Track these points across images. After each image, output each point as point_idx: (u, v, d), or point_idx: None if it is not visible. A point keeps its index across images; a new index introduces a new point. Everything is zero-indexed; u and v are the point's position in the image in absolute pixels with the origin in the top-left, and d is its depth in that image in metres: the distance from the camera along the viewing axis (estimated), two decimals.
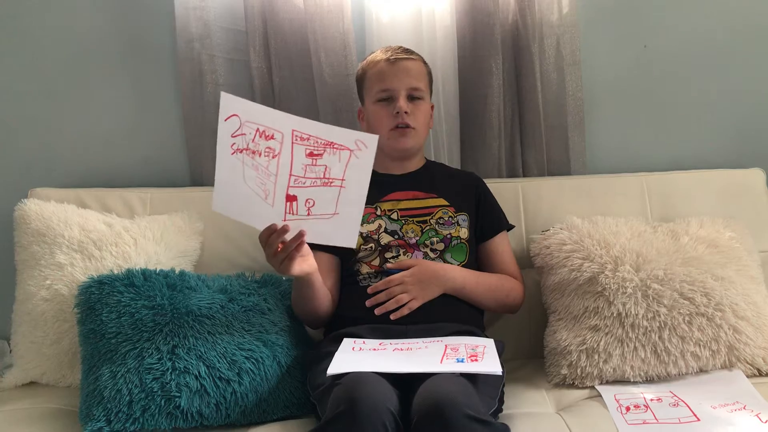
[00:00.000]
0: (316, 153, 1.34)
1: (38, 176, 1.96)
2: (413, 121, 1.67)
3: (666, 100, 2.04)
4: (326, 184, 1.36)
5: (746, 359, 1.59)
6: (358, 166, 1.35)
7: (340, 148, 1.34)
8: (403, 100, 1.67)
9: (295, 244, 1.40)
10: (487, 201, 1.77)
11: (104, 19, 1.98)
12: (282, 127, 1.33)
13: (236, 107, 1.34)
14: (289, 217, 1.38)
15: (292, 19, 1.93)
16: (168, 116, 2.01)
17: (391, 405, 1.23)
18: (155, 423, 1.40)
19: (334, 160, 1.34)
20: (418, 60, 1.72)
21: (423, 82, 1.71)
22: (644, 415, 1.43)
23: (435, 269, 1.61)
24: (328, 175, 1.36)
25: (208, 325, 1.51)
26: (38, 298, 1.66)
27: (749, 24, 2.02)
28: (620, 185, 1.91)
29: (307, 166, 1.34)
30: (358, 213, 1.39)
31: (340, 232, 1.41)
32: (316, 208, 1.38)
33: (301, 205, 1.37)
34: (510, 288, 1.71)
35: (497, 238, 1.75)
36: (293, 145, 1.33)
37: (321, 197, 1.37)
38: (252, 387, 1.46)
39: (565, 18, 1.94)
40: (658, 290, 1.59)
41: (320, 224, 1.39)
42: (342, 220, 1.39)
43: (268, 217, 1.39)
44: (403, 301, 1.56)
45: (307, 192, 1.36)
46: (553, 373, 1.63)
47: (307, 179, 1.36)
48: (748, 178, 1.93)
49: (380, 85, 1.69)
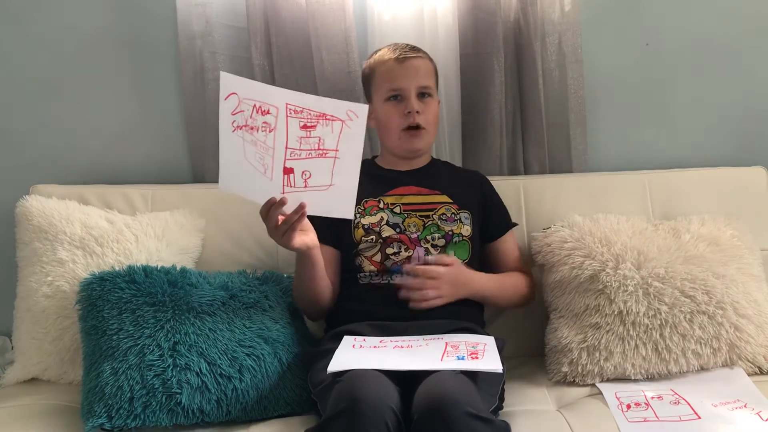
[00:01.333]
0: (309, 125, 1.37)
1: (40, 173, 1.96)
2: (424, 120, 1.67)
3: (668, 98, 2.04)
4: (321, 156, 1.39)
5: (747, 357, 1.59)
6: (350, 136, 1.39)
7: (333, 119, 1.37)
8: (414, 100, 1.66)
9: (296, 216, 1.42)
10: (494, 201, 1.77)
11: (106, 16, 1.98)
12: (276, 102, 1.36)
13: (235, 86, 1.37)
14: (287, 190, 1.41)
15: (294, 17, 1.93)
16: (170, 113, 2.01)
17: (392, 402, 1.23)
18: (156, 419, 1.40)
19: (327, 131, 1.38)
20: (425, 58, 1.72)
21: (431, 80, 1.71)
22: (645, 413, 1.43)
23: (468, 275, 1.63)
24: (323, 146, 1.39)
25: (210, 322, 1.51)
26: (40, 294, 1.66)
27: (751, 22, 2.02)
28: (622, 183, 1.91)
29: (302, 138, 1.38)
30: (353, 183, 1.42)
31: (337, 204, 1.44)
32: (313, 180, 1.41)
33: (298, 177, 1.41)
34: (523, 285, 1.73)
35: (505, 237, 1.76)
36: (287, 118, 1.37)
37: (317, 168, 1.40)
38: (253, 384, 1.46)
39: (567, 15, 1.94)
40: (659, 288, 1.59)
41: (318, 196, 1.42)
42: (338, 190, 1.42)
43: (268, 191, 1.42)
44: (429, 297, 1.55)
45: (303, 164, 1.40)
46: (554, 371, 1.63)
47: (302, 151, 1.39)
48: (749, 176, 1.92)
49: (390, 84, 1.68)
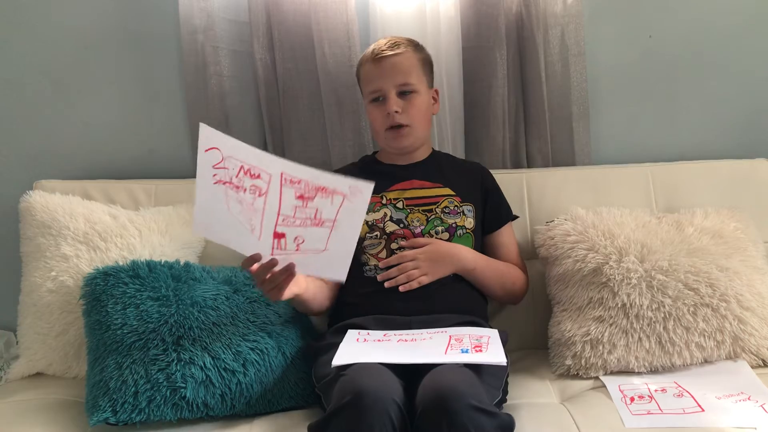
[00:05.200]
0: (306, 196, 1.28)
1: (43, 168, 1.97)
2: (406, 118, 1.66)
3: (671, 91, 2.03)
4: (317, 225, 1.31)
5: (751, 350, 1.59)
6: (351, 210, 1.29)
7: (333, 192, 1.28)
8: (393, 100, 1.65)
9: (283, 276, 1.38)
10: (494, 192, 1.77)
11: (108, 10, 1.98)
12: (269, 168, 1.28)
13: (217, 141, 1.28)
14: (277, 252, 1.34)
15: (296, 10, 1.93)
16: (172, 108, 2.01)
17: (396, 396, 1.24)
18: (161, 414, 1.41)
19: (326, 203, 1.29)
20: (405, 52, 1.67)
21: (414, 75, 1.67)
22: (648, 406, 1.43)
23: (448, 248, 1.62)
24: (320, 217, 1.30)
25: (213, 317, 1.51)
26: (44, 289, 1.67)
27: (754, 13, 2.01)
28: (625, 176, 1.90)
29: (297, 207, 1.29)
30: (350, 250, 1.34)
31: (330, 267, 1.36)
32: (306, 245, 1.33)
33: (290, 242, 1.33)
34: (516, 277, 1.72)
35: (503, 229, 1.75)
36: (282, 186, 1.28)
37: (311, 236, 1.32)
38: (257, 378, 1.47)
39: (570, 8, 1.93)
40: (662, 281, 1.59)
41: (309, 258, 1.34)
42: (332, 255, 1.34)
43: (254, 247, 1.34)
44: (414, 276, 1.57)
45: (296, 231, 1.31)
46: (558, 364, 1.63)
47: (296, 219, 1.30)
48: (753, 168, 1.92)
49: (370, 87, 1.68)
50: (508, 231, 1.77)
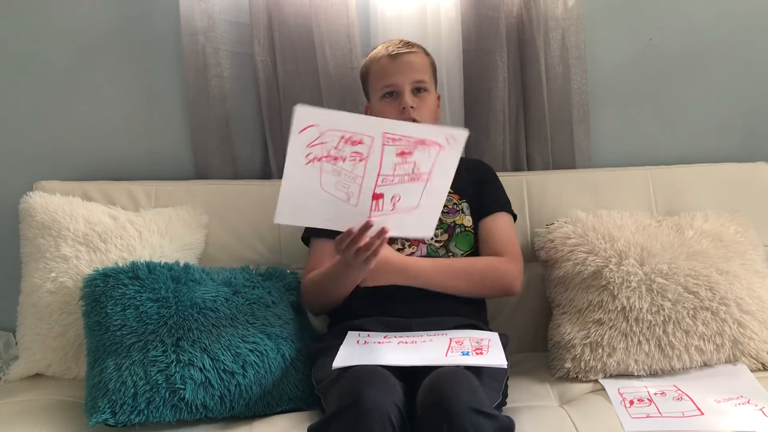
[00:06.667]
0: (406, 152, 1.34)
1: (43, 169, 1.96)
2: (419, 115, 1.66)
3: (671, 94, 2.03)
4: (413, 180, 1.36)
5: (750, 353, 1.59)
6: (445, 160, 1.36)
7: (431, 144, 1.34)
8: (408, 95, 1.66)
9: (378, 241, 1.40)
10: (488, 183, 1.75)
11: (109, 12, 1.98)
12: (372, 131, 1.31)
13: (314, 117, 1.30)
14: (374, 214, 1.38)
15: (297, 12, 1.93)
16: (172, 109, 2.01)
17: (396, 398, 1.24)
18: (160, 415, 1.40)
19: (424, 156, 1.34)
20: (419, 52, 1.72)
21: (426, 74, 1.71)
22: (648, 409, 1.43)
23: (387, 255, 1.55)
24: (417, 170, 1.36)
25: (213, 318, 1.51)
26: (43, 290, 1.66)
27: (755, 17, 2.01)
28: (625, 179, 1.90)
29: (397, 164, 1.34)
30: (439, 204, 1.41)
31: (420, 224, 1.42)
32: (401, 203, 1.38)
33: (387, 201, 1.37)
34: (490, 267, 1.63)
35: (491, 218, 1.70)
36: (384, 146, 1.32)
37: (407, 192, 1.37)
38: (256, 379, 1.47)
39: (570, 11, 1.93)
40: (662, 284, 1.59)
41: (402, 218, 1.40)
42: (422, 212, 1.40)
43: (350, 217, 1.38)
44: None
45: (394, 189, 1.36)
46: (557, 367, 1.63)
47: (395, 176, 1.35)
48: (753, 172, 1.92)
49: (384, 81, 1.69)
50: (498, 220, 1.70)
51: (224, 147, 1.98)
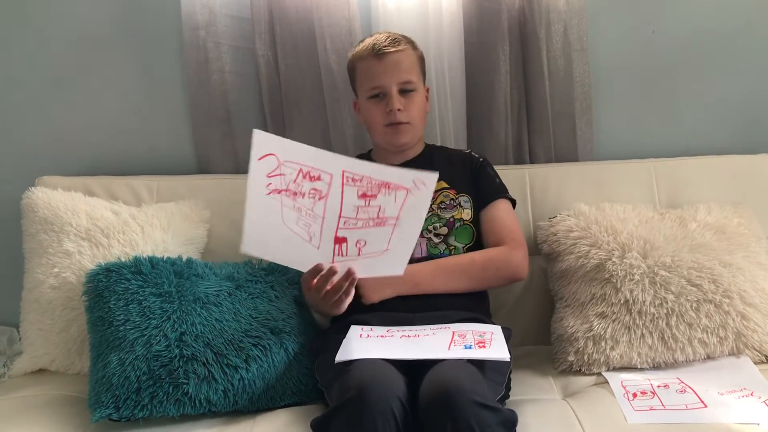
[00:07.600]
0: (369, 194, 1.25)
1: (45, 164, 1.97)
2: (407, 116, 1.66)
3: (674, 86, 2.03)
4: (379, 225, 1.28)
5: (754, 346, 1.59)
6: (415, 205, 1.27)
7: (397, 188, 1.26)
8: (395, 98, 1.64)
9: (346, 284, 1.37)
10: (482, 174, 1.73)
11: (110, 7, 1.98)
12: (330, 168, 1.24)
13: (272, 146, 1.24)
14: (337, 259, 1.30)
15: (298, 6, 1.93)
16: (174, 104, 2.01)
17: (399, 392, 1.24)
18: (163, 410, 1.41)
19: (389, 200, 1.26)
20: (406, 49, 1.68)
21: (414, 72, 1.68)
22: (651, 402, 1.43)
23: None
24: (382, 215, 1.27)
25: (216, 313, 1.51)
26: (46, 285, 1.67)
27: (758, 8, 2.00)
28: (628, 172, 1.90)
29: (359, 207, 1.26)
30: (410, 247, 1.32)
31: (390, 264, 1.34)
32: (368, 248, 1.30)
33: (351, 246, 1.30)
34: (489, 260, 1.63)
35: (491, 206, 1.70)
36: (344, 186, 1.25)
37: (373, 237, 1.29)
38: (259, 374, 1.47)
39: (572, 4, 1.93)
40: (665, 277, 1.59)
41: (370, 261, 1.32)
42: (392, 254, 1.32)
43: (313, 260, 1.31)
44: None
45: (357, 233, 1.28)
46: (560, 360, 1.63)
47: (359, 220, 1.27)
48: (756, 164, 1.91)
49: (370, 83, 1.67)
50: (496, 209, 1.69)
51: (226, 141, 1.98)
